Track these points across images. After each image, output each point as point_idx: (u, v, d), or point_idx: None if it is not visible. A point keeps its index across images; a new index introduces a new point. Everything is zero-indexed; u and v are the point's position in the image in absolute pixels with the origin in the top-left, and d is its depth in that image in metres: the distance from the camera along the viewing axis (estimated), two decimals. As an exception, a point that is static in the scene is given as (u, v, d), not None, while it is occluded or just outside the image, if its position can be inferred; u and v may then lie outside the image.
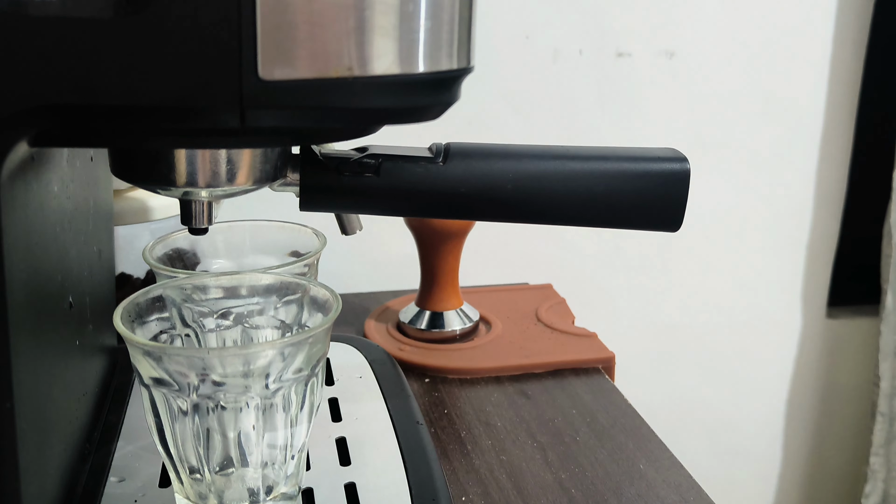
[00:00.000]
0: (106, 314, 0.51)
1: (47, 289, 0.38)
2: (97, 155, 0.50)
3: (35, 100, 0.29)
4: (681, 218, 0.41)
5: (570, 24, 0.93)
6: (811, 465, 1.18)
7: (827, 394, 1.16)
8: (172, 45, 0.29)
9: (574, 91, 0.95)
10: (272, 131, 0.33)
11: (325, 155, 0.40)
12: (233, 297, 0.45)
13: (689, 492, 0.53)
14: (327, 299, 0.42)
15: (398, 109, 0.33)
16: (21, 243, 0.33)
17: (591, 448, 0.58)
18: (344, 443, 0.50)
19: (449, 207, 0.41)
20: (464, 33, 0.34)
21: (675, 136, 0.99)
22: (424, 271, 0.72)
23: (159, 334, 0.43)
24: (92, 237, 0.50)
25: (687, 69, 0.98)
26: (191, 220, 0.39)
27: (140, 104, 0.29)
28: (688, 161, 0.41)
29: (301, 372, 0.39)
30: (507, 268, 0.95)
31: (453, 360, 0.68)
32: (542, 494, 0.52)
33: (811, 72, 1.02)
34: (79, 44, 0.28)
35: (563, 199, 0.41)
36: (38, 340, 0.36)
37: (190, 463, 0.40)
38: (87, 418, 0.48)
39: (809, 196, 1.07)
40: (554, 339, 0.72)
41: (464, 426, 0.60)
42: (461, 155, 0.40)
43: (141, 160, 0.36)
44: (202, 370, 0.37)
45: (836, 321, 1.13)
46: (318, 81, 0.30)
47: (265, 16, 0.29)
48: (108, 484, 0.45)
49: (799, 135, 1.05)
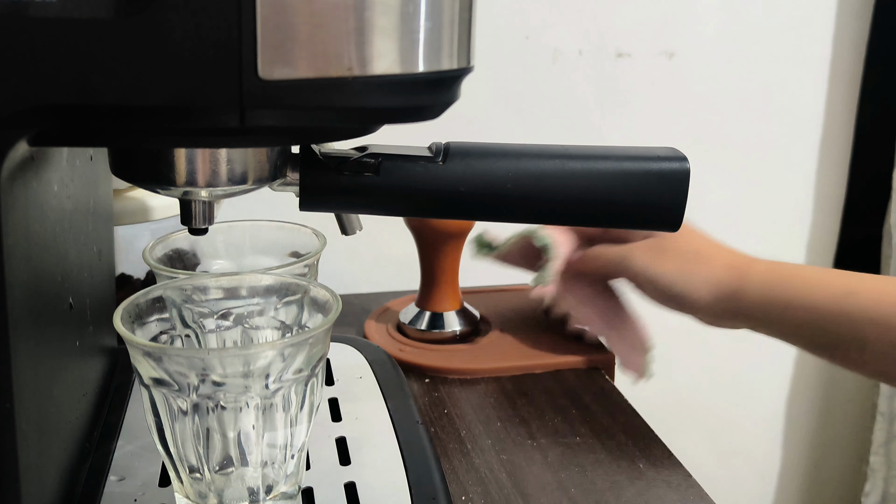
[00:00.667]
0: (106, 315, 0.51)
1: (47, 289, 0.38)
2: (97, 155, 0.50)
3: (35, 100, 0.29)
4: (681, 217, 0.41)
5: (570, 25, 0.93)
6: (811, 464, 1.18)
7: (827, 394, 1.16)
8: (172, 45, 0.29)
9: (574, 91, 0.95)
10: (272, 131, 0.33)
11: (325, 154, 0.40)
12: (233, 298, 0.45)
13: (688, 492, 0.53)
14: (327, 300, 0.42)
15: (398, 109, 0.33)
16: (21, 243, 0.33)
17: (591, 448, 0.58)
18: (344, 443, 0.50)
19: (449, 207, 0.41)
20: (464, 33, 0.34)
21: (675, 136, 0.99)
22: (424, 271, 0.72)
23: (159, 335, 0.43)
24: (92, 237, 0.50)
25: (687, 69, 0.98)
26: (191, 221, 0.39)
27: (140, 104, 0.29)
28: (687, 160, 0.41)
29: (301, 372, 0.39)
30: (507, 268, 0.95)
31: (453, 361, 0.68)
32: (542, 494, 0.52)
33: (811, 72, 1.02)
34: (79, 44, 0.28)
35: (563, 199, 0.41)
36: (38, 341, 0.36)
37: (190, 462, 0.40)
38: (87, 418, 0.48)
39: (809, 196, 1.07)
40: (554, 340, 0.72)
41: (464, 426, 0.60)
42: (461, 154, 0.40)
43: (141, 160, 0.36)
44: (202, 371, 0.37)
45: (836, 321, 1.13)
46: (318, 81, 0.30)
47: (265, 16, 0.29)
48: (107, 483, 0.45)
49: (799, 135, 1.05)
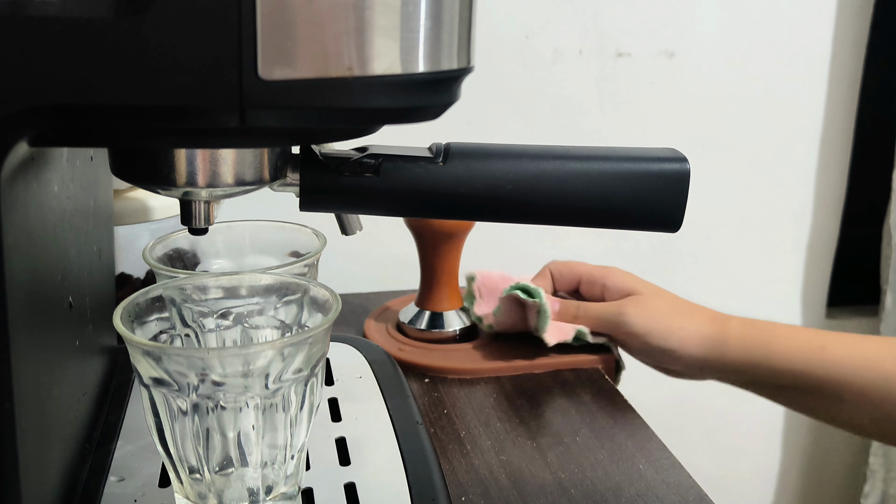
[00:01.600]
0: (106, 314, 0.51)
1: (47, 289, 0.38)
2: (97, 155, 0.50)
3: (35, 100, 0.29)
4: (681, 218, 0.41)
5: (570, 24, 0.93)
6: (810, 465, 1.18)
7: (827, 394, 1.16)
8: (172, 45, 0.29)
9: (574, 91, 0.95)
10: (272, 131, 0.33)
11: (325, 155, 0.40)
12: (232, 298, 0.45)
13: (689, 492, 0.53)
14: (327, 299, 0.42)
15: (398, 109, 0.33)
16: (21, 243, 0.33)
17: (591, 448, 0.58)
18: (344, 443, 0.50)
19: (449, 207, 0.41)
20: (464, 33, 0.34)
21: (675, 137, 0.99)
22: (424, 271, 0.72)
23: (159, 334, 0.43)
24: (92, 237, 0.50)
25: (687, 69, 0.98)
26: (191, 220, 0.39)
27: (140, 104, 0.29)
28: (687, 161, 0.41)
29: (301, 372, 0.39)
30: (506, 268, 0.95)
31: (453, 361, 0.68)
32: (542, 494, 0.52)
33: (811, 72, 1.02)
34: (79, 44, 0.28)
35: (563, 200, 0.41)
36: (37, 340, 0.36)
37: (189, 463, 0.40)
38: (86, 418, 0.48)
39: (809, 196, 1.07)
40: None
41: (463, 426, 0.60)
42: (461, 155, 0.40)
43: (141, 160, 0.36)
44: (202, 370, 0.37)
45: (835, 321, 1.13)
46: (318, 81, 0.30)
47: (265, 16, 0.29)
48: (107, 483, 0.45)
49: (799, 135, 1.05)
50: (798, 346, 0.61)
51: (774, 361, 0.62)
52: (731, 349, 0.63)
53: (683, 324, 0.64)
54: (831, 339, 0.62)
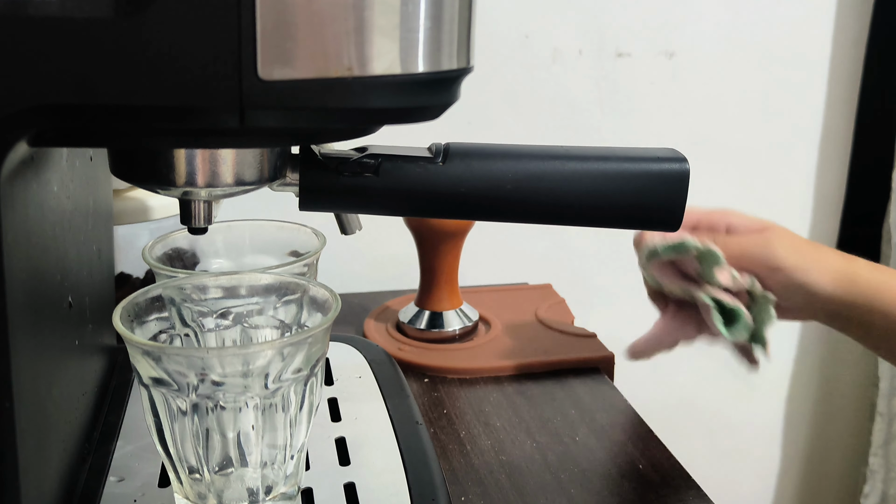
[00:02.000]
0: (105, 314, 0.51)
1: (47, 288, 0.38)
2: (97, 155, 0.50)
3: (35, 100, 0.29)
4: (680, 218, 0.41)
5: (569, 24, 0.93)
6: (810, 465, 1.18)
7: (826, 394, 1.16)
8: (172, 45, 0.29)
9: (574, 91, 0.95)
10: (272, 131, 0.33)
11: (325, 155, 0.40)
12: (232, 297, 0.45)
13: (688, 492, 0.53)
14: (326, 299, 0.42)
15: (398, 109, 0.33)
16: (21, 243, 0.33)
17: (591, 448, 0.58)
18: (343, 443, 0.50)
19: (449, 207, 0.41)
20: (464, 33, 0.34)
21: (675, 136, 0.99)
22: (424, 271, 0.72)
23: (159, 334, 0.43)
24: (91, 237, 0.50)
25: (687, 69, 0.98)
26: (190, 220, 0.39)
27: (140, 104, 0.29)
28: (687, 161, 0.41)
29: (300, 372, 0.39)
30: (506, 268, 0.95)
31: (453, 360, 0.68)
32: (542, 494, 0.52)
33: (811, 72, 1.02)
34: (78, 44, 0.28)
35: (563, 199, 0.41)
36: (37, 340, 0.36)
37: (189, 463, 0.40)
38: (86, 418, 0.48)
39: (809, 196, 1.07)
40: (553, 339, 0.72)
41: (463, 426, 0.60)
42: (461, 155, 0.40)
43: (140, 160, 0.36)
44: (201, 370, 0.37)
45: (835, 321, 1.13)
46: (318, 81, 0.30)
47: (265, 16, 0.29)
48: (107, 484, 0.45)
49: (799, 135, 1.05)
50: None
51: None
52: (859, 288, 0.60)
53: (819, 256, 0.61)
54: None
